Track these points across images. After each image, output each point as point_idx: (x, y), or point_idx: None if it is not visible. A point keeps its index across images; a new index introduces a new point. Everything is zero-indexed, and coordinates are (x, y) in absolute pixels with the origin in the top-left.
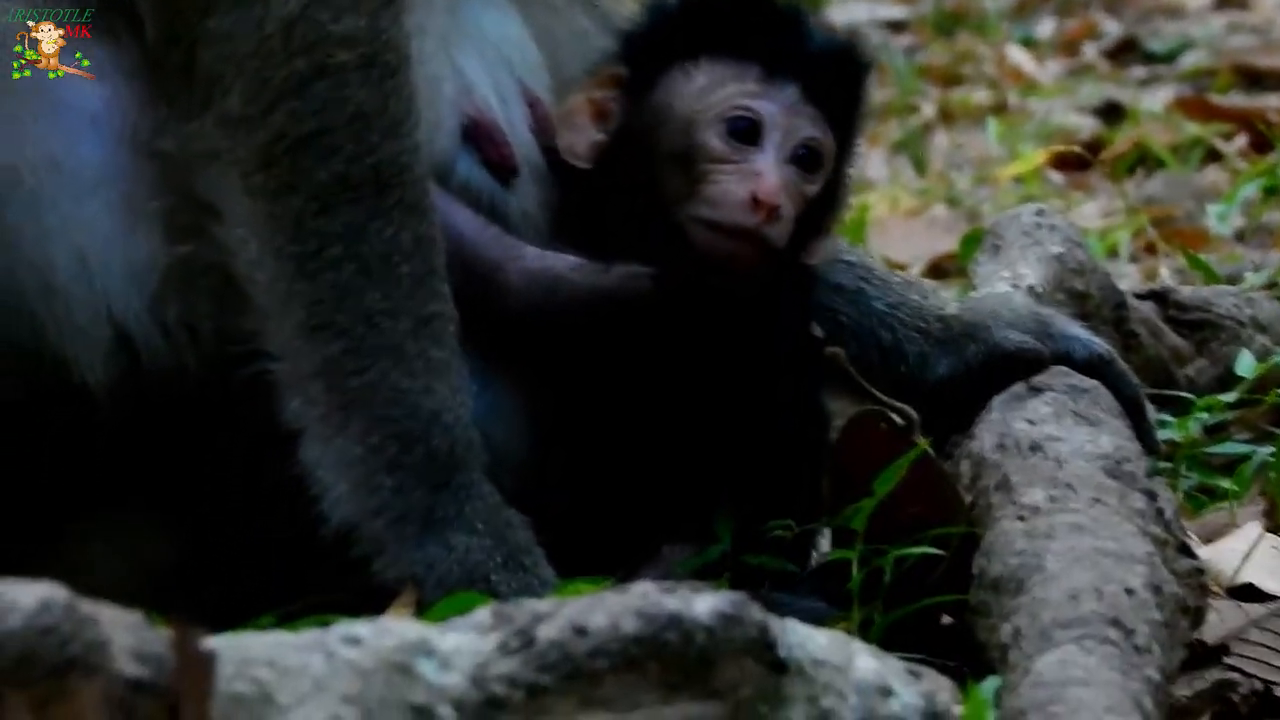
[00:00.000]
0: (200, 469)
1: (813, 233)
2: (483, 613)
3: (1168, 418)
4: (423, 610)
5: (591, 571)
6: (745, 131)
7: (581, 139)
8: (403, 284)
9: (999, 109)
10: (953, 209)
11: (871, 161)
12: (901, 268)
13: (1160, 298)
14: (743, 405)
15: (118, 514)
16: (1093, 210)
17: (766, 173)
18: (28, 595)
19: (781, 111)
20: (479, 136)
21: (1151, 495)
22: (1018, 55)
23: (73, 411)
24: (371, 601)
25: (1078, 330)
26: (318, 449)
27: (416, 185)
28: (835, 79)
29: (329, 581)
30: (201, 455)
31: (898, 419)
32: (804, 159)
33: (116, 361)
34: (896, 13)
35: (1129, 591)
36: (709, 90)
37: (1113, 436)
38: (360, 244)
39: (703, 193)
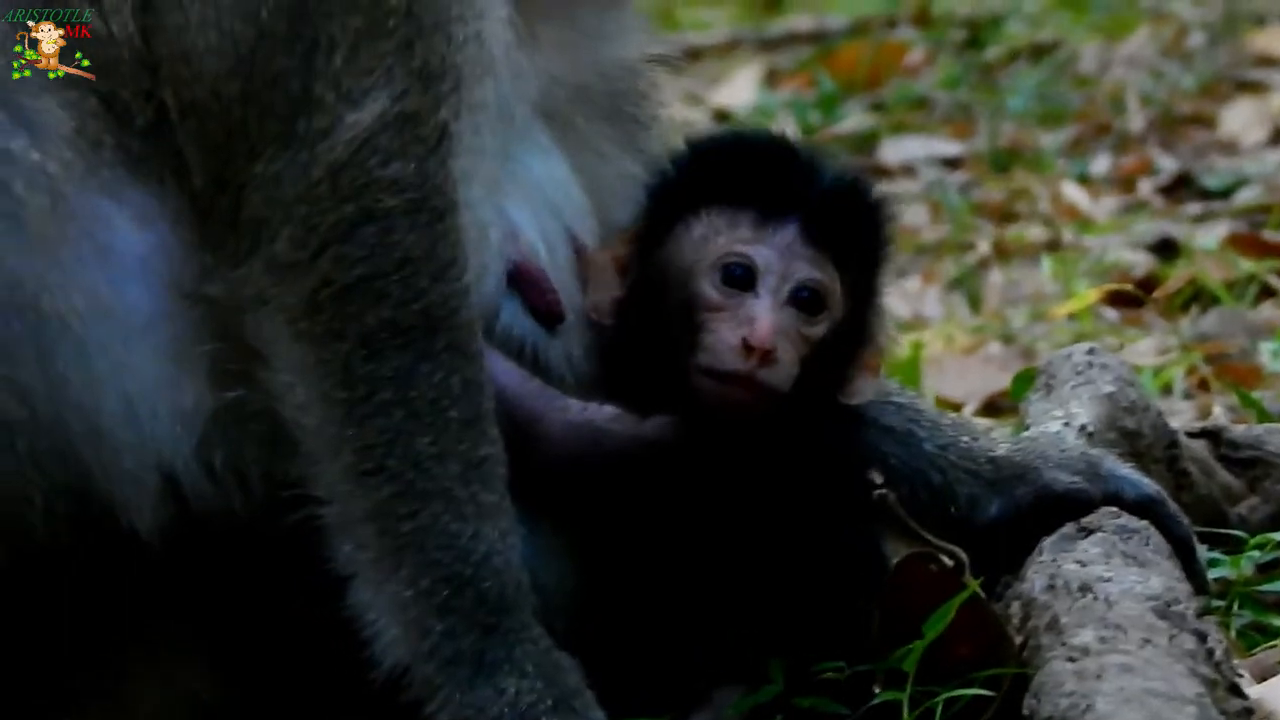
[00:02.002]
0: (250, 612)
1: (839, 373)
2: None
3: (1220, 556)
4: None
5: (642, 714)
6: (739, 278)
7: (604, 295)
8: (451, 428)
9: (1054, 246)
10: (1007, 346)
11: (926, 298)
12: (956, 406)
13: (1213, 436)
14: (793, 545)
15: (169, 656)
16: (1147, 347)
17: (759, 317)
18: None
19: (777, 255)
20: (525, 283)
21: (1202, 636)
22: (1073, 192)
23: (121, 555)
24: None
25: (1127, 471)
26: (369, 593)
27: (465, 329)
28: (838, 218)
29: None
30: (251, 599)
31: (948, 560)
32: (805, 300)
33: (165, 507)
34: (951, 149)
35: None
36: (705, 239)
37: (1163, 577)
38: (409, 389)
39: (700, 341)
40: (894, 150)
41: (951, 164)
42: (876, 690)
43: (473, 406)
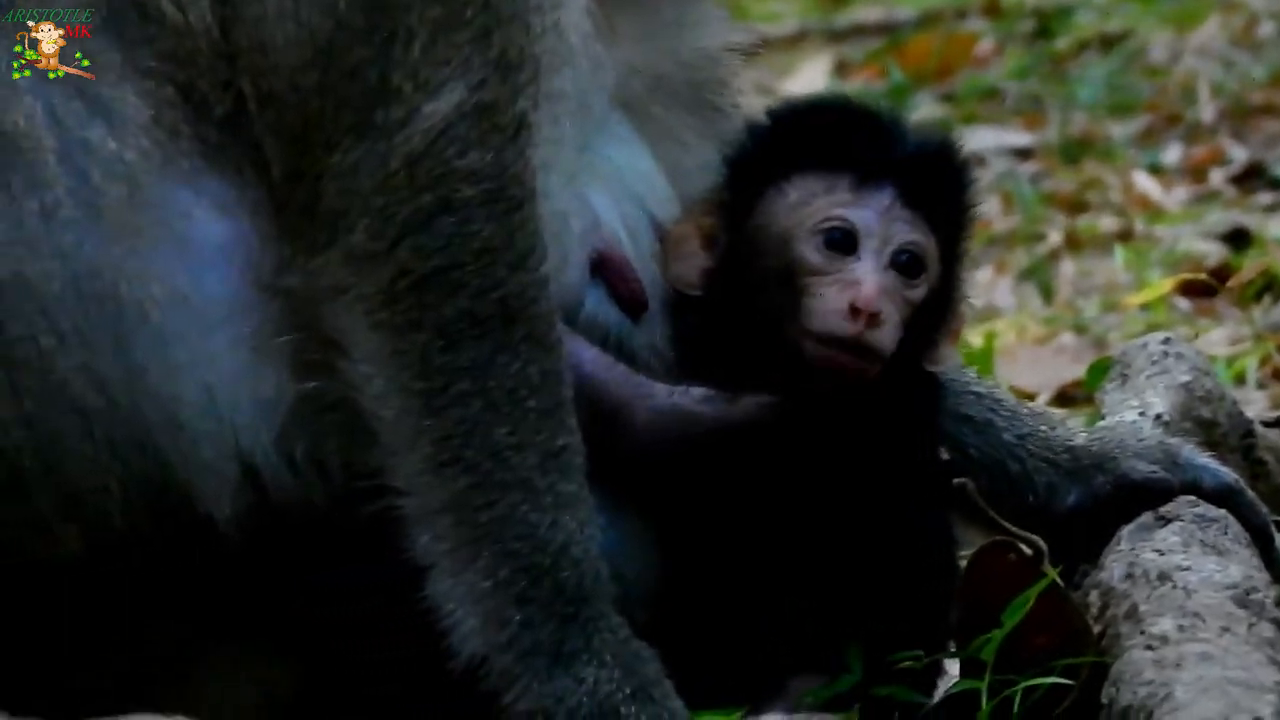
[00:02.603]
0: (329, 602)
1: (929, 338)
2: None
3: None
4: None
5: (721, 704)
6: (841, 241)
7: (690, 266)
8: (530, 418)
9: (1126, 236)
10: (1080, 337)
11: (998, 289)
12: (1029, 396)
13: None
14: (874, 533)
15: (247, 645)
16: (1220, 337)
17: (864, 280)
18: None
19: (877, 218)
20: (608, 271)
21: None
22: (1144, 182)
23: (199, 545)
24: None
25: (1205, 460)
26: (447, 583)
27: (543, 319)
28: (932, 181)
29: (458, 714)
30: (330, 588)
31: (1026, 549)
32: (905, 264)
33: (243, 496)
34: (1023, 140)
35: None
36: (802, 204)
37: (1241, 566)
38: (487, 379)
39: (804, 306)
40: (965, 141)
41: (1022, 154)
42: (952, 680)
43: (551, 397)
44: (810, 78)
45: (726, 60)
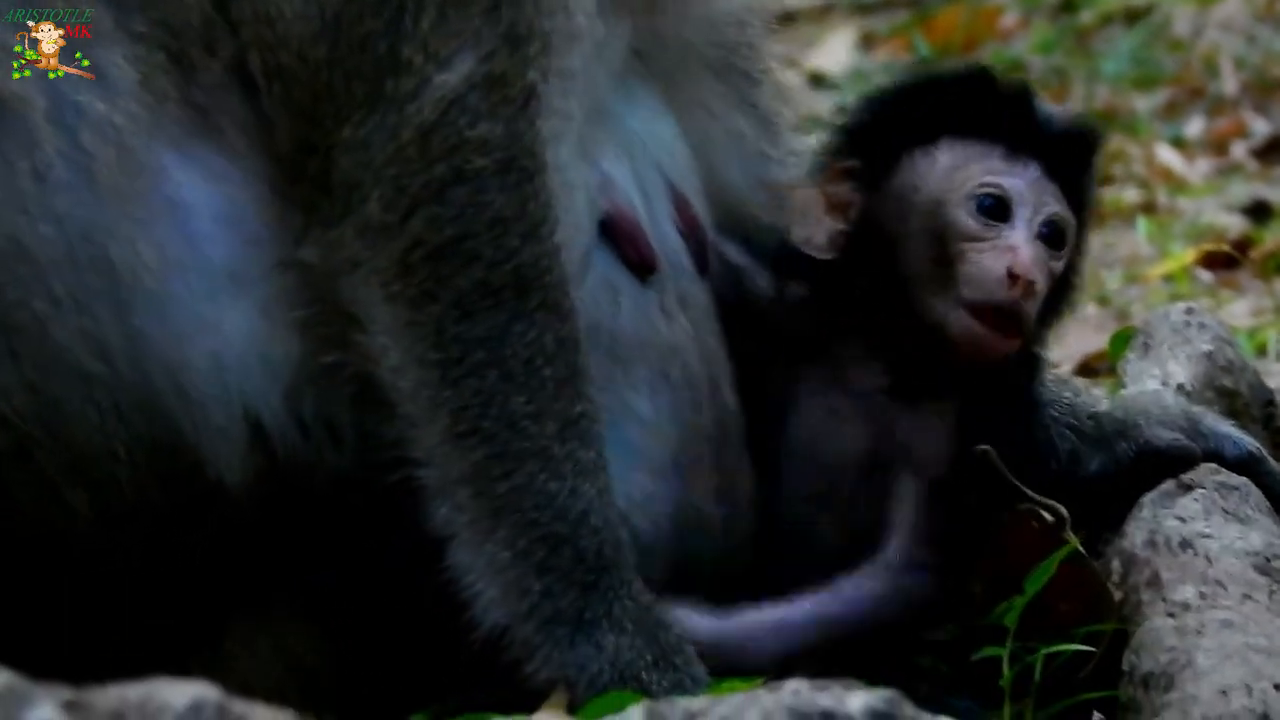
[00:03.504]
0: (350, 573)
1: (1052, 316)
2: (635, 711)
3: None
4: (575, 710)
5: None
6: (995, 208)
7: (820, 231)
8: (547, 387)
9: (1149, 208)
10: (1103, 308)
11: None
12: (1052, 367)
13: None
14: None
15: (269, 615)
16: (1242, 309)
17: (1020, 246)
18: (180, 695)
19: (1028, 187)
20: (617, 234)
21: None
22: (1167, 155)
23: (212, 510)
24: (524, 701)
25: (1228, 428)
26: (467, 554)
27: (557, 287)
28: (1073, 157)
29: (482, 680)
30: (351, 559)
31: (1049, 517)
32: (1050, 236)
33: (253, 459)
34: None
35: (1278, 687)
36: (954, 170)
37: (1263, 534)
38: (503, 349)
39: (958, 273)
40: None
41: None
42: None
43: (567, 364)
44: (835, 51)
45: (754, 26)
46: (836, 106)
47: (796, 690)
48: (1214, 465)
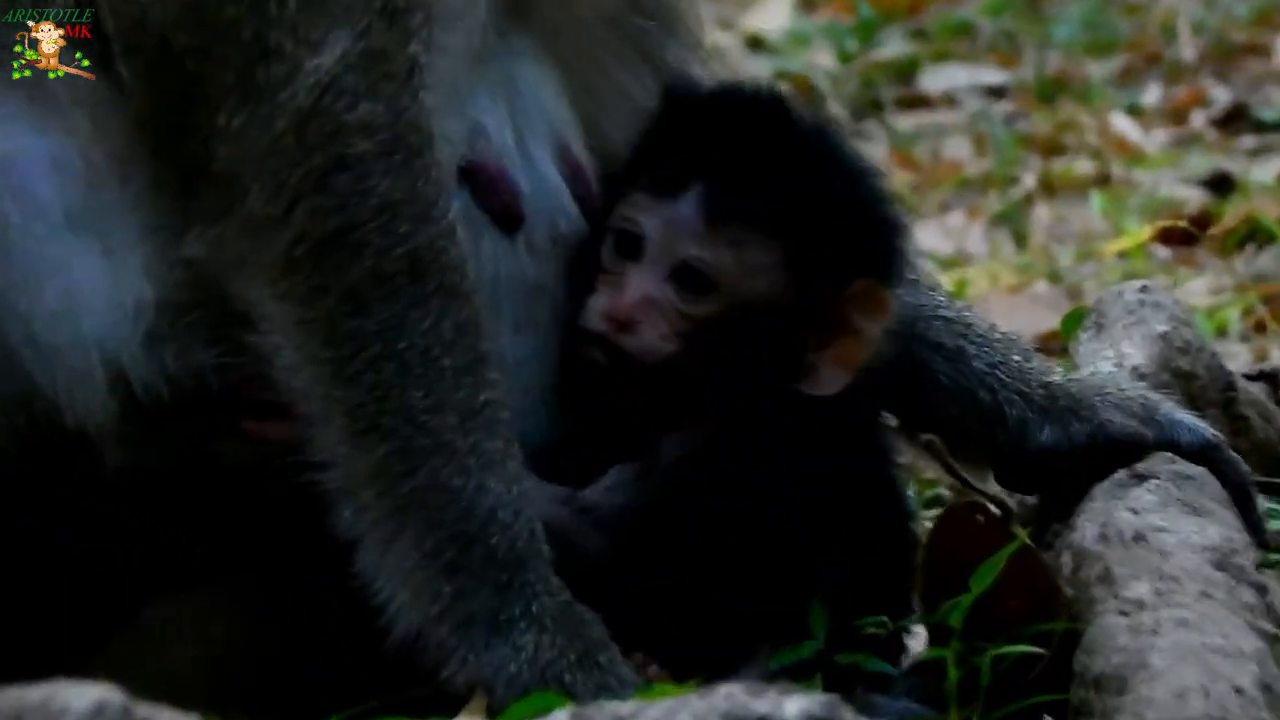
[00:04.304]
0: (263, 552)
1: (786, 359)
2: (560, 715)
3: (1278, 506)
4: (496, 714)
5: (682, 673)
6: (628, 246)
7: None
8: (445, 377)
9: (1103, 180)
10: (1055, 285)
11: (970, 235)
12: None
13: (1271, 379)
14: (830, 499)
15: (188, 593)
16: (1200, 287)
17: (629, 284)
18: (82, 698)
19: (661, 226)
20: (477, 182)
21: (1261, 589)
22: (1123, 124)
23: (79, 464)
24: (445, 704)
25: (1185, 415)
26: (374, 558)
27: (454, 269)
28: (756, 186)
29: (404, 680)
30: (264, 539)
31: (995, 509)
32: (685, 279)
33: (114, 403)
34: (996, 78)
35: (1238, 690)
36: (621, 201)
37: (1220, 527)
38: (398, 340)
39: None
40: (935, 79)
41: (996, 94)
42: (917, 646)
43: (468, 351)
44: (774, 12)
45: None
46: (775, 73)
47: (730, 694)
48: (1170, 455)
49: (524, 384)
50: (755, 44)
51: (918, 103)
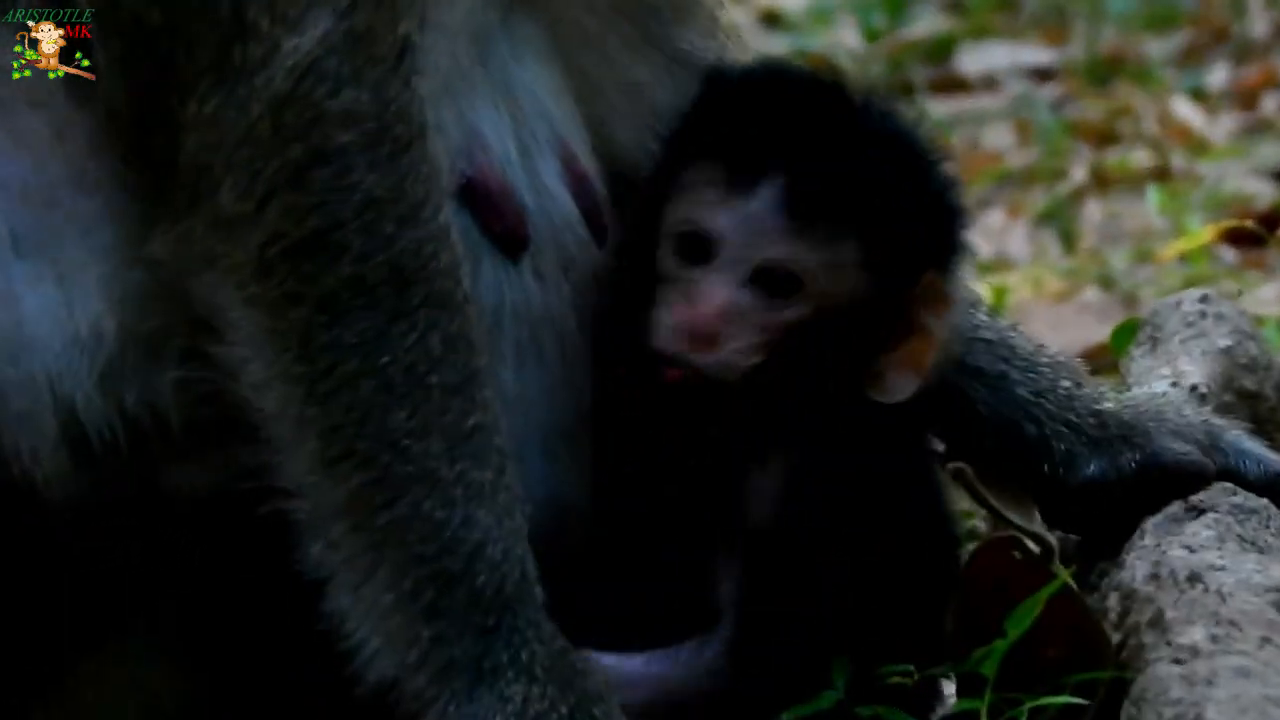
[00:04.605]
0: (217, 596)
1: (855, 365)
2: None
3: None
4: None
5: None
6: (694, 250)
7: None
8: (433, 397)
9: (1162, 173)
10: (1106, 292)
11: (1012, 235)
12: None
13: None
14: (857, 529)
15: (123, 645)
16: (1270, 294)
17: (703, 295)
18: None
19: (738, 225)
20: (479, 202)
21: None
22: (1185, 109)
23: (23, 512)
24: None
25: (1253, 445)
26: (346, 598)
27: (445, 276)
28: (835, 180)
29: None
30: (219, 580)
31: (1034, 546)
32: (769, 283)
33: (64, 452)
34: (1042, 58)
35: None
36: (675, 200)
37: None
38: (379, 355)
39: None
40: (974, 59)
41: (1042, 76)
42: (950, 696)
43: (458, 369)
44: None
45: None
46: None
47: None
48: (1230, 485)
49: (526, 426)
50: (771, 20)
51: (953, 86)
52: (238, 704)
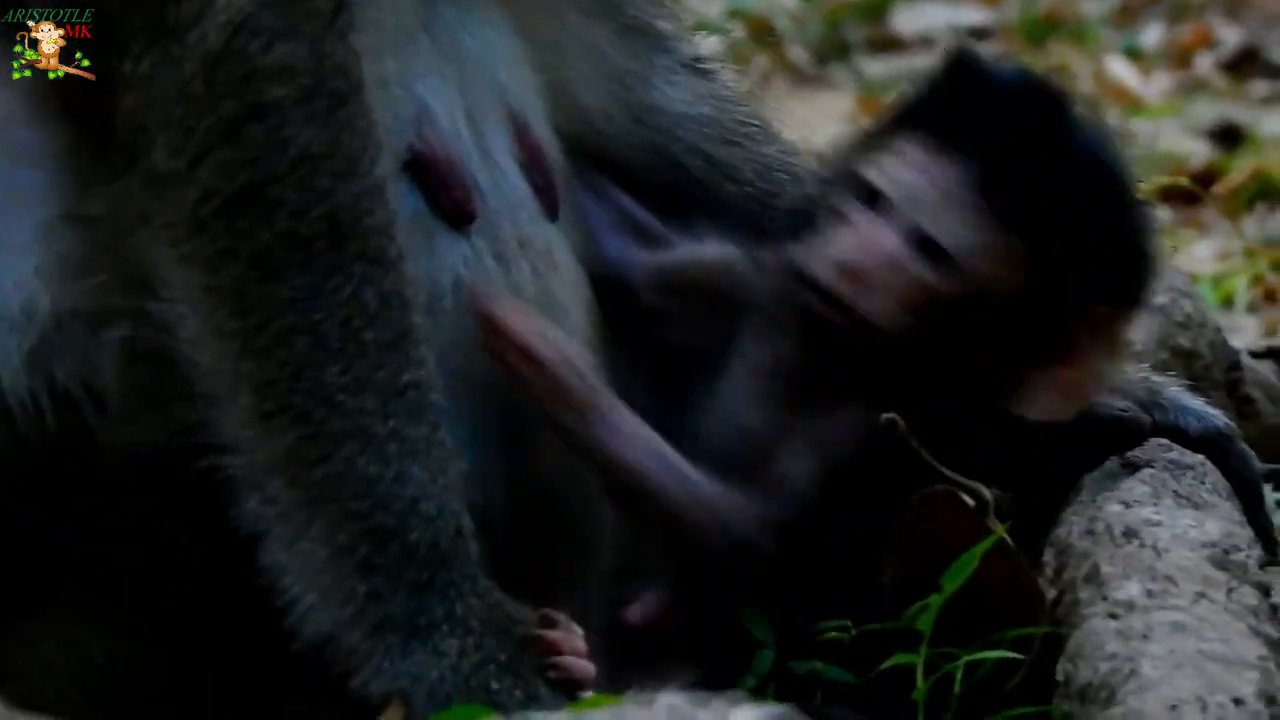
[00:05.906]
0: (153, 557)
1: (998, 370)
2: None
3: None
4: None
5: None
6: (872, 198)
7: None
8: (367, 352)
9: None
10: None
11: None
12: None
13: None
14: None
15: (58, 608)
16: (1205, 252)
17: (867, 236)
18: None
19: (919, 192)
20: (425, 175)
21: (1265, 589)
22: (1120, 68)
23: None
24: (360, 714)
25: (1194, 402)
26: (280, 554)
27: (380, 232)
28: (1024, 186)
29: (312, 690)
30: (154, 541)
31: (969, 500)
32: (924, 248)
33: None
34: (978, 17)
35: (1238, 702)
36: (873, 154)
37: (1221, 521)
38: (314, 310)
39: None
40: (909, 18)
41: (979, 34)
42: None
43: (392, 324)
44: None
45: None
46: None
47: (672, 706)
48: (1165, 441)
49: (486, 408)
50: None
51: (889, 45)
52: (175, 662)
